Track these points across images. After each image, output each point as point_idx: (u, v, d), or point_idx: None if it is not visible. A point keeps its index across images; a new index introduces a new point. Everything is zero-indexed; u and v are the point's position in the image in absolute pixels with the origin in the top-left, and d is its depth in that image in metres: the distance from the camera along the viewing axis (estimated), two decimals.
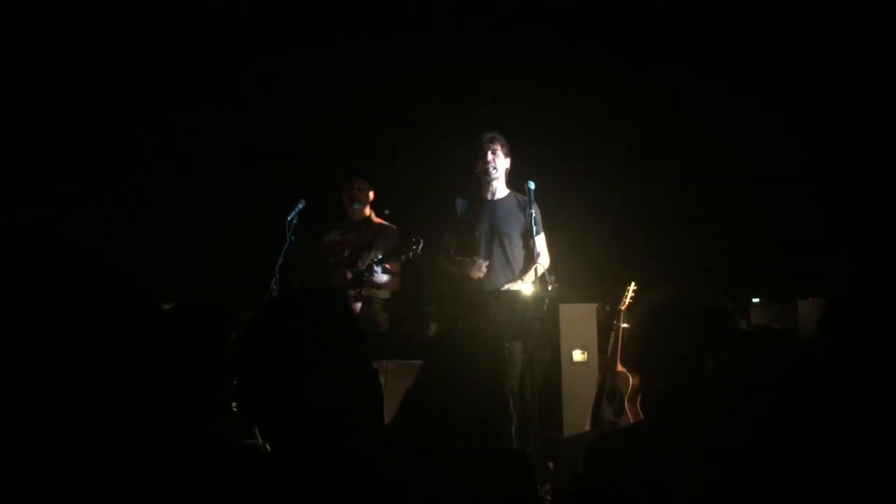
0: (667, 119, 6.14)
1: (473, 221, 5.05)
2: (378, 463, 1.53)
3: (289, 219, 5.26)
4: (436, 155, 6.07)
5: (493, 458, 2.02)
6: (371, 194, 5.50)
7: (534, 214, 4.89)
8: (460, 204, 5.13)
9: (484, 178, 5.09)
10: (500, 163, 5.06)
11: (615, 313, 5.06)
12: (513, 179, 5.17)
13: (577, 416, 5.20)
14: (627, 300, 5.02)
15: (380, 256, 5.13)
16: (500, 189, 5.13)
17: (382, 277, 5.21)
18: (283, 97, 6.15)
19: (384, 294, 5.32)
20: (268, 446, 1.57)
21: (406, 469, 1.69)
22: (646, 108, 6.17)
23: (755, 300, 5.60)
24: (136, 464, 0.92)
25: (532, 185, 4.94)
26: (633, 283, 5.04)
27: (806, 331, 5.14)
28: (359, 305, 5.16)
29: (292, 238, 5.23)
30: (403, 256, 4.99)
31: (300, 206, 5.31)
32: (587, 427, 4.95)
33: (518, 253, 5.04)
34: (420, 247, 4.92)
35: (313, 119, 6.19)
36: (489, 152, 5.04)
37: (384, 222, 5.51)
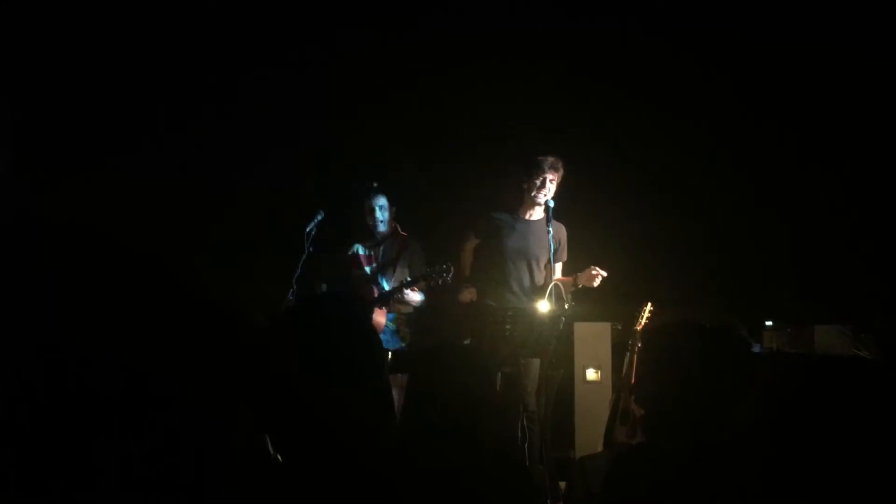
0: (685, 139, 6.12)
1: (504, 238, 5.06)
2: (387, 475, 1.54)
3: (307, 230, 5.28)
4: (456, 169, 6.09)
5: (498, 475, 2.00)
6: (393, 209, 5.48)
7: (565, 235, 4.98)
8: (503, 217, 5.11)
9: (529, 200, 5.06)
10: (551, 192, 5.02)
11: (630, 333, 5.04)
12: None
13: (590, 436, 5.18)
14: (643, 321, 5.00)
15: (408, 279, 5.18)
16: (537, 212, 5.12)
17: (416, 298, 5.25)
18: (307, 106, 6.15)
19: (407, 309, 5.35)
20: (279, 457, 1.57)
21: (412, 483, 1.69)
22: (663, 128, 6.15)
23: (768, 323, 5.57)
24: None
25: (551, 204, 4.95)
26: (649, 304, 5.02)
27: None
28: (383, 320, 5.19)
29: (310, 249, 5.25)
30: (432, 283, 5.03)
31: (319, 217, 5.32)
32: (600, 447, 4.92)
33: (541, 275, 5.07)
34: (450, 275, 4.95)
35: (334, 128, 6.19)
36: (548, 181, 4.98)
37: (407, 235, 5.51)
